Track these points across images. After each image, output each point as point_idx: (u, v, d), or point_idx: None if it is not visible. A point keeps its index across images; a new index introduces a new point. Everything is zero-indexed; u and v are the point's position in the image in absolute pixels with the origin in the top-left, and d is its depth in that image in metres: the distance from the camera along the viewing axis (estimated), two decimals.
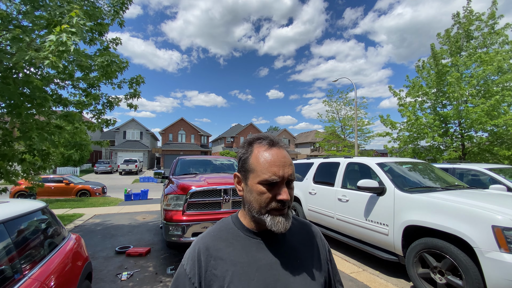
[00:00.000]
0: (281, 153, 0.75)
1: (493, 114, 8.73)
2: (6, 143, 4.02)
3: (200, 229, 3.98)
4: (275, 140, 0.78)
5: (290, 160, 0.76)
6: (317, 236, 0.88)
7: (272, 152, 0.75)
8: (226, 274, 0.71)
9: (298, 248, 0.81)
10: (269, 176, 0.71)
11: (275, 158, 0.73)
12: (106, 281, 3.75)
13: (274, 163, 0.72)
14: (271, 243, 0.78)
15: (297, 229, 0.85)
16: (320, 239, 0.88)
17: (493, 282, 2.52)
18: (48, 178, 13.00)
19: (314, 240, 0.86)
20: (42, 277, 1.88)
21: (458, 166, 5.97)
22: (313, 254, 0.82)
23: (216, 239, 0.78)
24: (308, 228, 0.89)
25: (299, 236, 0.84)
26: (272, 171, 0.72)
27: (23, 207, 2.22)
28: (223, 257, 0.74)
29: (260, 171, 0.73)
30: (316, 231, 0.90)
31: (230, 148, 44.78)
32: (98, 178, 24.76)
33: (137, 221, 7.71)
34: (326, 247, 0.90)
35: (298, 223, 0.89)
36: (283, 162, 0.73)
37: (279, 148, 0.76)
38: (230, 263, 0.72)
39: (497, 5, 9.79)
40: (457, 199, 3.15)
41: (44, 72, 4.24)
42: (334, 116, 24.65)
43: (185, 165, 5.93)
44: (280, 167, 0.72)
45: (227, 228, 0.82)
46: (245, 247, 0.76)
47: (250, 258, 0.74)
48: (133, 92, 5.30)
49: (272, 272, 0.73)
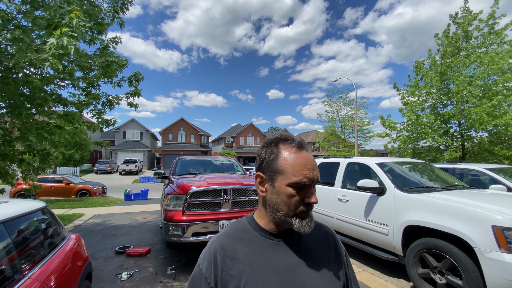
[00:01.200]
0: (310, 156, 0.77)
1: (494, 114, 8.74)
2: (6, 143, 4.02)
3: (200, 229, 3.98)
4: (304, 143, 0.79)
5: (315, 163, 0.77)
6: (334, 238, 0.87)
7: (303, 155, 0.75)
8: (242, 275, 0.71)
9: (315, 250, 0.80)
10: (301, 179, 0.72)
11: (306, 161, 0.74)
12: (106, 281, 3.75)
13: (305, 166, 0.73)
14: (289, 244, 0.78)
15: (314, 231, 0.81)
16: (337, 242, 0.87)
17: (493, 282, 2.52)
18: (48, 178, 13.00)
19: (331, 243, 0.85)
20: (42, 277, 1.88)
21: (458, 166, 5.97)
22: (330, 257, 0.82)
23: (232, 239, 0.78)
24: (324, 230, 0.88)
25: (316, 238, 0.83)
26: (304, 174, 0.72)
27: (23, 207, 2.22)
28: (239, 257, 0.74)
29: (291, 173, 0.72)
30: (332, 233, 0.89)
31: (230, 148, 44.77)
32: (98, 178, 24.76)
33: (137, 221, 7.71)
34: (343, 250, 0.88)
35: (318, 224, 0.87)
36: (313, 165, 0.74)
37: (307, 151, 0.78)
38: (246, 264, 0.72)
39: (498, 4, 9.78)
40: (457, 199, 3.15)
41: (44, 72, 4.24)
42: (334, 116, 24.65)
43: (185, 165, 5.93)
44: (311, 170, 0.73)
45: (243, 229, 0.82)
46: (261, 247, 0.76)
47: (267, 259, 0.74)
48: (133, 90, 5.30)
49: (288, 273, 0.72)
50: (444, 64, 10.20)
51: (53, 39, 2.69)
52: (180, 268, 4.16)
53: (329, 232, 0.88)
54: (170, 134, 41.18)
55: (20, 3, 3.61)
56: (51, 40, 2.69)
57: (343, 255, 0.86)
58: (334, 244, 0.85)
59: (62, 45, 2.68)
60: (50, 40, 2.70)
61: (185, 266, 4.28)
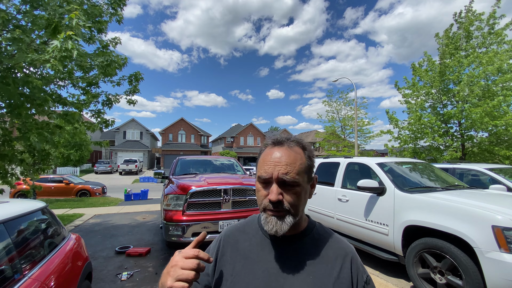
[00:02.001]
0: (279, 151, 0.72)
1: (494, 114, 8.74)
2: (6, 143, 4.02)
3: (200, 229, 3.98)
4: (279, 139, 0.76)
5: (288, 160, 0.70)
6: (346, 257, 0.75)
7: (271, 150, 0.74)
8: (236, 264, 0.75)
9: (315, 262, 0.73)
10: (261, 174, 0.72)
11: (270, 156, 0.72)
12: (106, 281, 3.75)
13: (267, 161, 0.72)
14: (285, 248, 0.76)
15: (322, 243, 0.77)
16: (349, 262, 0.75)
17: (493, 282, 2.52)
18: (48, 178, 13.00)
19: (339, 261, 0.74)
20: (42, 277, 1.88)
21: (458, 166, 5.97)
22: (331, 275, 0.71)
23: (238, 231, 0.84)
24: (336, 245, 0.78)
25: (321, 250, 0.76)
26: (264, 169, 0.71)
27: (23, 207, 2.22)
28: (239, 248, 0.79)
29: (258, 169, 0.76)
30: (347, 251, 0.77)
31: (230, 148, 44.76)
32: (98, 178, 24.75)
33: (137, 221, 7.71)
34: (359, 275, 0.74)
35: (327, 238, 0.79)
36: (276, 161, 0.70)
37: (281, 146, 0.74)
38: (243, 256, 0.77)
39: (499, 4, 9.78)
40: (457, 199, 3.15)
41: (44, 73, 4.24)
42: (334, 116, 24.65)
43: (185, 165, 5.93)
44: (271, 166, 0.70)
45: (252, 223, 0.85)
46: (260, 245, 0.78)
47: (261, 257, 0.75)
48: (132, 88, 5.30)
49: (277, 277, 0.71)
50: (443, 64, 10.20)
51: (57, 41, 2.68)
52: None
53: (343, 251, 0.77)
54: (170, 134, 41.18)
55: (20, 3, 3.61)
56: (55, 42, 2.69)
57: (356, 280, 0.73)
58: (344, 265, 0.74)
59: (66, 48, 2.68)
60: (54, 42, 2.70)
61: None
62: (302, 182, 0.71)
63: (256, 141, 46.79)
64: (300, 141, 0.77)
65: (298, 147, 0.75)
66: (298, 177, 0.70)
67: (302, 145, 0.76)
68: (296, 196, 0.70)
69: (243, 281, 0.72)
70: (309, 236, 0.78)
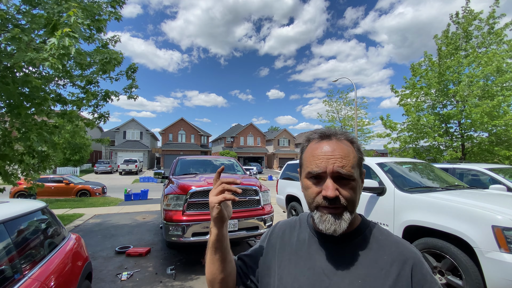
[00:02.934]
0: (329, 145, 0.69)
1: (494, 115, 8.74)
2: (5, 143, 4.01)
3: (200, 229, 3.98)
4: (327, 133, 0.73)
5: (342, 153, 0.67)
6: (406, 263, 0.66)
7: (320, 144, 0.70)
8: (283, 258, 0.77)
9: (365, 265, 0.67)
10: (312, 169, 0.68)
11: (320, 150, 0.69)
12: (106, 281, 3.75)
13: (318, 155, 0.68)
14: (334, 247, 0.72)
15: (376, 245, 0.71)
16: (409, 270, 0.66)
17: (493, 282, 2.52)
18: (48, 178, 13.00)
19: (396, 267, 0.66)
20: (42, 277, 1.88)
21: (458, 166, 5.96)
22: (385, 282, 0.64)
23: (290, 226, 0.85)
24: (394, 249, 0.69)
25: (376, 253, 0.69)
26: (315, 163, 0.67)
27: (23, 207, 2.22)
28: (287, 242, 0.80)
29: (306, 164, 0.71)
30: (408, 257, 0.68)
31: (230, 148, 44.77)
32: (98, 178, 24.76)
33: (137, 221, 7.71)
34: (426, 286, 0.65)
35: (384, 240, 0.72)
36: (329, 155, 0.67)
37: (330, 140, 0.70)
38: (291, 251, 0.77)
39: (498, 4, 9.78)
40: (457, 199, 3.15)
41: (43, 72, 4.23)
42: (334, 116, 24.70)
43: (185, 165, 5.93)
44: (324, 160, 0.66)
45: (302, 220, 0.85)
46: (308, 242, 0.76)
47: (309, 254, 0.73)
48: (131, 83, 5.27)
49: (322, 277, 0.68)
50: (443, 64, 10.20)
51: (54, 39, 2.68)
52: (180, 268, 4.17)
53: (402, 256, 0.68)
54: (170, 134, 41.19)
55: (20, 3, 3.61)
56: (52, 40, 2.69)
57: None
58: (402, 272, 0.65)
59: (63, 45, 2.68)
60: (51, 40, 2.69)
61: (185, 266, 4.28)
62: (357, 176, 0.68)
63: (256, 141, 46.80)
64: (347, 134, 0.74)
65: (346, 140, 0.72)
66: (353, 170, 0.67)
67: (350, 138, 0.73)
68: (352, 191, 0.67)
69: (288, 277, 0.72)
70: (362, 237, 0.73)
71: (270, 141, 49.47)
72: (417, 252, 0.70)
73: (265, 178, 27.66)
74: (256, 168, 13.07)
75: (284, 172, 7.10)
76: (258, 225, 4.36)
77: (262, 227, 4.39)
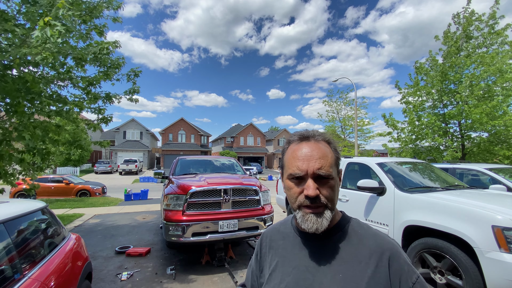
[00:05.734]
0: (309, 146, 0.72)
1: (494, 115, 8.74)
2: (5, 142, 4.01)
3: (200, 229, 3.98)
4: (305, 134, 0.76)
5: (320, 154, 0.71)
6: (383, 255, 0.69)
7: (300, 146, 0.74)
8: (272, 263, 0.81)
9: (345, 260, 0.70)
10: (293, 171, 0.71)
11: (300, 152, 0.72)
12: (106, 281, 3.75)
13: (298, 157, 0.71)
14: (315, 245, 0.75)
15: (355, 239, 0.74)
16: (386, 261, 0.68)
17: (493, 282, 2.52)
18: (48, 178, 13.01)
19: (374, 259, 0.68)
20: (42, 277, 1.88)
21: (458, 166, 5.96)
22: (364, 275, 0.66)
23: (275, 231, 0.88)
24: (372, 242, 0.72)
25: (356, 247, 0.72)
26: (296, 165, 0.71)
27: (23, 207, 2.22)
28: (275, 247, 0.84)
29: (287, 166, 0.75)
30: (384, 249, 0.70)
31: (230, 148, 44.77)
32: (98, 178, 24.76)
33: (137, 221, 7.71)
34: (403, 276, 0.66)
35: (363, 234, 0.75)
36: (308, 156, 0.70)
37: (309, 141, 0.74)
38: (278, 255, 0.81)
39: (498, 5, 9.77)
40: (457, 199, 3.15)
41: (44, 73, 4.24)
42: (334, 116, 24.75)
43: (185, 165, 5.93)
44: (304, 161, 0.70)
45: (286, 223, 0.88)
46: (292, 244, 0.80)
47: (293, 255, 0.77)
48: (132, 87, 5.29)
49: (306, 275, 0.71)
50: (445, 64, 10.20)
51: (37, 31, 2.68)
52: (180, 268, 4.17)
53: (379, 248, 0.70)
54: (170, 134, 41.19)
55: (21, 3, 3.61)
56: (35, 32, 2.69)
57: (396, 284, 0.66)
58: (380, 264, 0.68)
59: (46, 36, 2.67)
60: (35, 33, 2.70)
61: (185, 266, 4.28)
62: (335, 175, 0.72)
63: (256, 141, 46.79)
64: (325, 135, 0.78)
65: (324, 141, 0.75)
66: (331, 170, 0.71)
67: (327, 139, 0.77)
68: (331, 189, 0.71)
69: (277, 278, 0.76)
70: (342, 232, 0.75)
71: (270, 141, 49.46)
72: (394, 243, 0.73)
73: (265, 178, 27.67)
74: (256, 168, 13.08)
75: None
76: (258, 225, 4.36)
77: (262, 227, 4.39)
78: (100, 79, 4.65)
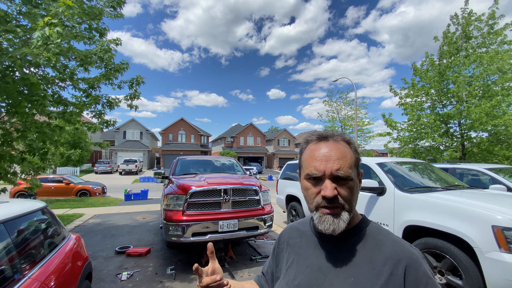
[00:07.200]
0: (327, 146, 0.71)
1: (494, 114, 8.74)
2: (6, 143, 4.01)
3: (200, 229, 3.98)
4: (324, 134, 0.75)
5: (339, 154, 0.69)
6: (399, 263, 0.66)
7: (318, 146, 0.73)
8: (289, 259, 0.82)
9: (359, 264, 0.68)
10: (310, 171, 0.70)
11: (318, 152, 0.71)
12: (106, 281, 3.75)
13: (316, 157, 0.70)
14: (330, 246, 0.75)
15: (372, 244, 0.72)
16: (402, 270, 0.65)
17: (493, 282, 2.52)
18: (48, 178, 13.00)
19: (388, 267, 0.66)
20: (42, 277, 1.88)
21: (458, 166, 5.96)
22: (377, 282, 0.64)
23: (294, 229, 0.90)
24: (390, 249, 0.69)
25: (372, 252, 0.70)
26: (313, 165, 0.70)
27: (23, 207, 2.22)
28: (292, 244, 0.85)
29: (305, 166, 0.74)
30: (401, 257, 0.67)
31: (230, 148, 44.76)
32: (98, 178, 24.75)
33: (137, 221, 7.71)
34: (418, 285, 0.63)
35: (381, 239, 0.72)
36: (326, 156, 0.69)
37: (327, 141, 0.73)
38: (295, 252, 0.82)
39: (498, 5, 9.77)
40: (457, 199, 3.15)
41: (44, 73, 4.24)
42: (334, 116, 24.73)
43: (185, 165, 5.93)
44: (322, 162, 0.69)
45: (305, 222, 0.89)
46: (309, 243, 0.81)
47: (308, 254, 0.78)
48: (133, 93, 5.30)
49: (318, 274, 0.71)
50: (443, 64, 10.20)
51: (38, 31, 2.70)
52: (180, 268, 4.17)
53: (395, 256, 0.67)
54: (170, 134, 41.18)
55: (21, 4, 3.62)
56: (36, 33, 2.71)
57: None
58: (394, 272, 0.65)
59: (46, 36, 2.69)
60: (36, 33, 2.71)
61: (185, 266, 4.28)
62: (354, 177, 0.70)
63: (256, 141, 46.79)
64: (344, 135, 0.76)
65: (343, 141, 0.74)
66: (351, 171, 0.69)
67: (347, 139, 0.75)
68: (350, 190, 0.69)
69: (291, 274, 0.77)
70: (359, 236, 0.74)
71: (270, 141, 49.45)
72: (414, 252, 0.69)
73: (265, 178, 27.67)
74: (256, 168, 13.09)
75: (284, 172, 7.10)
76: (258, 225, 4.36)
77: (262, 227, 4.39)
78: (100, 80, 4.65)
